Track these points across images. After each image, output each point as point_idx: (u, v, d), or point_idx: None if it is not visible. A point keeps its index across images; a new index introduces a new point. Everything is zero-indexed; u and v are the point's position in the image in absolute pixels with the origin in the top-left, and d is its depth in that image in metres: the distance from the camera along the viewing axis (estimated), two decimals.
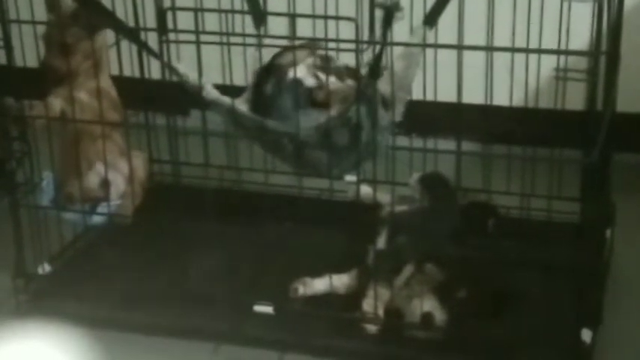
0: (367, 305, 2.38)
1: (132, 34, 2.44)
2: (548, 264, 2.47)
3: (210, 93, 2.39)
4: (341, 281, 2.49)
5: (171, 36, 2.36)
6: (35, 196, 2.64)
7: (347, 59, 2.43)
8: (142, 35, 2.45)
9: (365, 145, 2.40)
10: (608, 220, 2.61)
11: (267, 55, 2.46)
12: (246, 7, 2.43)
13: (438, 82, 2.61)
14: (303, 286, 2.47)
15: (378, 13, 2.18)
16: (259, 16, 2.46)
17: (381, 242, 2.47)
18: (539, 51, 2.28)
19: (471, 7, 2.47)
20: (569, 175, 2.46)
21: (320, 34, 2.35)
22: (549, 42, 2.40)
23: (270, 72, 2.47)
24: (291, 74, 2.42)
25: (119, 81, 2.76)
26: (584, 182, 2.24)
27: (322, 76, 2.43)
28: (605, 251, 2.56)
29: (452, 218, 2.58)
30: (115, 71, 2.79)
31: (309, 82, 2.42)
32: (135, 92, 2.79)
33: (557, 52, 2.23)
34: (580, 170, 2.25)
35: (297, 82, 2.41)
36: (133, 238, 2.69)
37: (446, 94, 2.61)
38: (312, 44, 2.45)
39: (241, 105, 2.44)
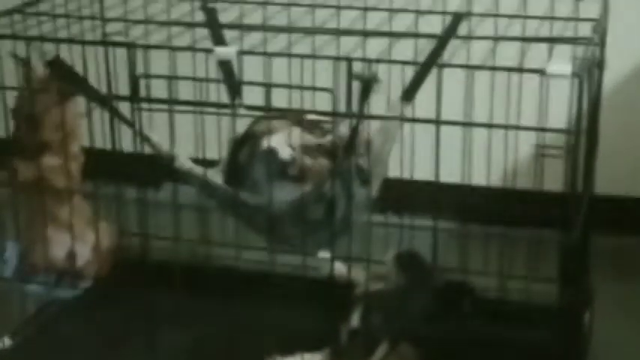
0: None
1: (104, 101, 2.39)
2: (526, 346, 2.40)
3: (183, 164, 2.34)
4: None
5: (145, 105, 2.31)
6: None
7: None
8: (115, 104, 2.41)
9: (340, 221, 2.35)
10: (587, 303, 2.55)
11: (243, 126, 2.42)
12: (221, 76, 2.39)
13: (415, 159, 2.57)
14: None
15: (356, 85, 2.14)
16: (234, 86, 2.43)
17: (355, 321, 2.40)
18: (518, 128, 2.24)
19: (449, 84, 2.44)
20: (549, 256, 2.41)
21: (296, 105, 2.31)
22: (527, 120, 2.38)
23: (244, 141, 2.42)
24: (265, 143, 2.38)
25: (90, 152, 2.71)
26: (562, 264, 2.18)
27: (300, 148, 2.40)
28: (582, 335, 2.49)
29: (427, 298, 2.52)
30: (87, 142, 2.73)
31: (285, 153, 2.38)
32: (106, 163, 2.74)
33: (537, 129, 2.20)
34: (559, 251, 2.21)
35: (272, 152, 2.36)
36: (98, 312, 2.63)
37: (423, 171, 2.57)
38: (294, 114, 2.42)
39: (215, 176, 2.39)
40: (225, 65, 2.49)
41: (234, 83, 2.50)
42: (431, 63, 2.25)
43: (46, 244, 2.55)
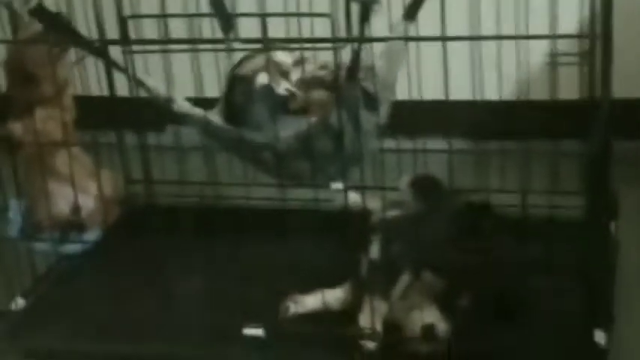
0: (364, 320, 2.25)
1: (93, 47, 2.29)
2: (554, 264, 2.32)
3: (182, 106, 2.27)
4: (334, 296, 2.36)
5: (137, 48, 2.22)
6: (3, 227, 2.54)
7: (324, 58, 2.28)
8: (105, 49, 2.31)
9: (349, 151, 2.26)
10: (612, 212, 2.47)
11: None
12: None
13: (423, 79, 2.48)
14: (294, 304, 2.35)
15: (355, 8, 2.04)
16: (227, 19, 2.33)
17: (374, 252, 2.33)
18: (529, 37, 2.14)
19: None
20: (569, 168, 2.33)
21: (294, 34, 2.20)
22: (536, 29, 2.27)
23: (236, 82, 2.33)
24: (258, 81, 2.28)
25: (86, 100, 2.62)
26: (586, 175, 2.09)
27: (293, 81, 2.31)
28: (611, 247, 2.42)
29: (447, 221, 2.44)
30: (81, 90, 2.64)
31: (281, 88, 2.29)
32: (104, 110, 2.65)
33: (549, 37, 2.09)
34: (580, 162, 2.12)
35: (268, 89, 2.27)
36: (109, 265, 2.58)
37: (432, 91, 2.48)
38: (270, 51, 2.32)
39: (215, 116, 2.30)
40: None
41: (226, 16, 2.39)
42: None
43: (49, 200, 2.48)
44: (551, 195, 2.50)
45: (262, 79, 2.33)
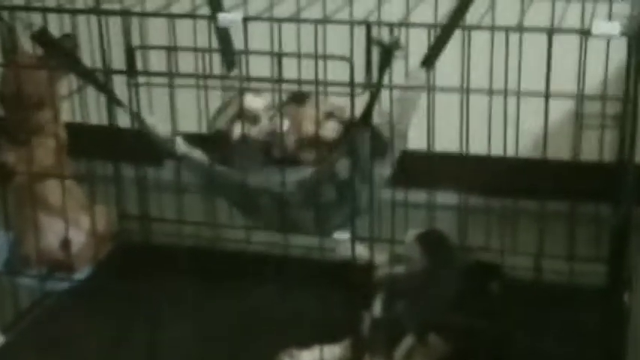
0: None
1: (95, 78, 2.19)
2: (566, 331, 2.22)
3: (181, 147, 2.17)
4: (332, 353, 2.26)
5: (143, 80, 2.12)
6: None
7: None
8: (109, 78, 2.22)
9: (355, 201, 2.21)
10: (628, 282, 2.37)
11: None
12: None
13: (436, 130, 2.38)
14: (290, 358, 2.24)
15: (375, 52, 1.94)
16: (231, 56, 2.23)
17: (377, 308, 2.22)
18: (556, 95, 2.04)
19: (474, 47, 2.25)
20: (584, 232, 2.24)
21: (307, 76, 2.10)
22: (559, 85, 2.18)
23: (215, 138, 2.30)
24: (235, 133, 2.20)
25: (84, 129, 2.52)
26: (612, 241, 1.99)
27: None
28: (624, 317, 2.31)
29: (454, 281, 2.34)
30: (80, 118, 2.56)
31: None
32: (102, 141, 2.55)
33: (579, 96, 1.99)
34: (599, 227, 2.02)
35: (244, 140, 2.21)
36: (96, 304, 2.47)
37: (445, 143, 2.40)
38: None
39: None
40: (223, 33, 2.30)
41: (230, 53, 2.31)
42: (454, 25, 2.05)
43: (38, 233, 2.37)
44: (571, 261, 2.41)
45: (237, 130, 2.27)
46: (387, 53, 1.95)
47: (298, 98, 2.43)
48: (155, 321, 2.35)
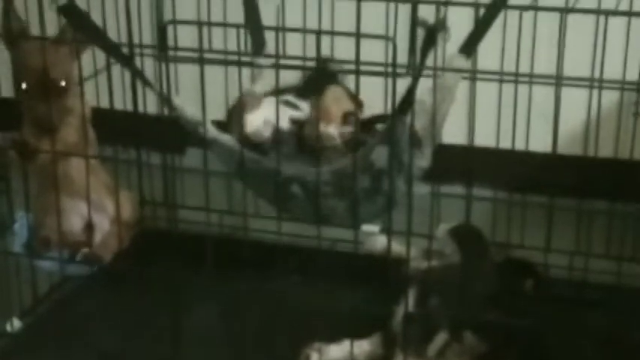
0: None
1: (123, 54, 2.12)
2: (610, 333, 2.14)
3: (210, 131, 2.10)
4: (361, 348, 2.20)
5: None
6: (6, 241, 2.39)
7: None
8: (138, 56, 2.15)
9: (388, 192, 2.14)
10: None
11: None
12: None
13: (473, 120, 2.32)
14: (317, 353, 2.19)
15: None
16: (260, 35, 2.16)
17: (410, 304, 2.14)
18: (601, 82, 1.96)
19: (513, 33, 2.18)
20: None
21: (342, 55, 2.03)
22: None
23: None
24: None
25: (109, 113, 2.46)
26: None
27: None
28: None
29: (488, 277, 2.27)
30: (104, 102, 2.51)
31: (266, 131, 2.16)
32: (126, 126, 2.49)
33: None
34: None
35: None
36: (117, 290, 2.42)
37: (480, 136, 2.34)
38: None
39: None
40: (251, 9, 2.23)
41: (259, 32, 2.24)
42: (501, 5, 1.96)
43: (61, 215, 2.30)
44: (616, 260, 2.34)
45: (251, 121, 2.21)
46: (432, 35, 1.87)
47: (322, 80, 2.37)
48: (178, 308, 2.28)
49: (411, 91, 1.97)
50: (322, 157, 2.24)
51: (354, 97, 2.51)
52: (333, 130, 2.18)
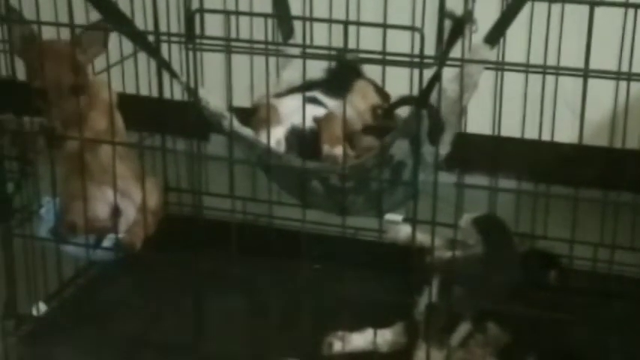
0: None
1: (149, 45, 2.12)
2: (634, 326, 2.13)
3: (233, 123, 2.10)
4: (384, 337, 2.21)
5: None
6: (32, 225, 2.38)
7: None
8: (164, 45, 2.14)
9: (407, 184, 2.14)
10: None
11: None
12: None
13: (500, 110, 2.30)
14: (340, 341, 2.20)
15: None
16: (288, 23, 2.15)
17: (433, 293, 2.13)
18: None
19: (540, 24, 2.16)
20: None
21: (368, 46, 2.01)
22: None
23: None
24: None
25: (135, 100, 2.46)
26: None
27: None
28: None
29: (512, 268, 2.26)
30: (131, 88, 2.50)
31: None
32: (151, 112, 2.50)
33: None
34: None
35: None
36: (141, 276, 2.44)
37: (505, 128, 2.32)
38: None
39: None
40: None
41: (288, 20, 2.24)
42: None
43: (87, 201, 2.31)
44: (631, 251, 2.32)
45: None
46: (459, 26, 1.86)
47: (348, 74, 2.36)
48: (201, 294, 2.28)
49: (431, 83, 1.96)
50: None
51: (381, 90, 2.50)
52: (337, 152, 2.17)
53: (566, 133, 2.44)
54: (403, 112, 2.36)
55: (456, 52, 1.99)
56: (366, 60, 2.03)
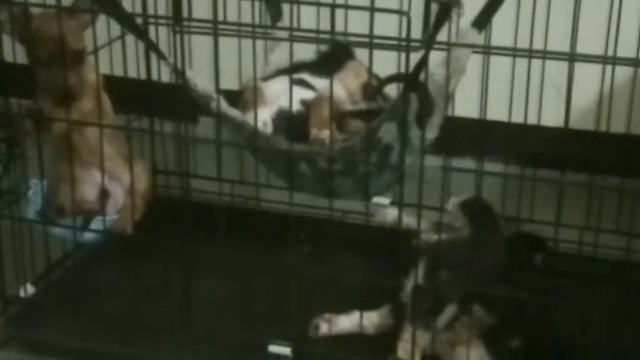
0: (402, 350, 2.09)
1: (137, 27, 2.11)
2: (617, 308, 2.15)
3: (221, 105, 2.09)
4: (370, 320, 2.22)
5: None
6: (20, 207, 2.37)
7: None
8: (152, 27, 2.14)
9: (395, 167, 2.13)
10: None
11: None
12: None
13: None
14: (327, 323, 2.21)
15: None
16: (276, 5, 2.14)
17: (420, 276, 2.15)
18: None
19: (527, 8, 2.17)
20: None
21: (356, 30, 2.01)
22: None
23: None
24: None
25: (123, 82, 2.46)
26: None
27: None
28: None
29: (498, 251, 2.27)
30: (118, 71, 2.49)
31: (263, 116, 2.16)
32: (139, 94, 2.49)
33: None
34: None
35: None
36: (129, 258, 2.42)
37: (493, 111, 2.32)
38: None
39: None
40: None
41: (276, 2, 2.23)
42: None
43: (75, 182, 2.31)
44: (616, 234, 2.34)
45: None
46: (445, 10, 1.86)
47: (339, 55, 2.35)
48: (188, 278, 2.29)
49: (419, 66, 1.96)
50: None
51: (371, 72, 2.50)
52: (325, 135, 2.17)
53: (552, 117, 2.45)
54: (393, 93, 2.36)
55: (443, 36, 2.00)
56: (353, 43, 2.02)
